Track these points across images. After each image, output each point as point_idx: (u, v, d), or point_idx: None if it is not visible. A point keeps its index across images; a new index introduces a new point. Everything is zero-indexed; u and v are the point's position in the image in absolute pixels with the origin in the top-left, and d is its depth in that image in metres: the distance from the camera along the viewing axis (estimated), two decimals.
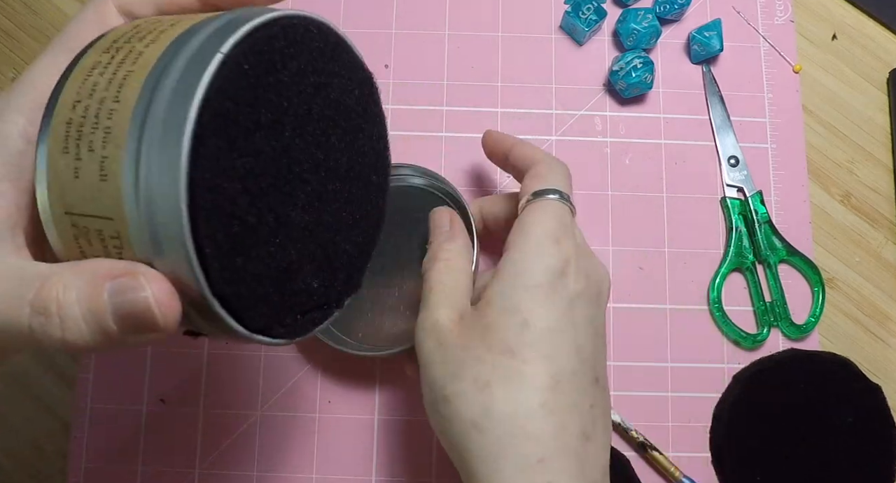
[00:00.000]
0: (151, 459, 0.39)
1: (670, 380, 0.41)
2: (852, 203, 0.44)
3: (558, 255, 0.29)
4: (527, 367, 0.27)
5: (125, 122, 0.19)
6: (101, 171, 0.19)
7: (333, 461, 0.39)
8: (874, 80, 0.45)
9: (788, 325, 0.41)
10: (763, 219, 0.42)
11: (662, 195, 0.43)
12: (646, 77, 0.42)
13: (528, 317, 0.28)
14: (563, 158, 0.43)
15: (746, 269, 0.42)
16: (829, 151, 0.44)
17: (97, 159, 0.19)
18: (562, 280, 0.29)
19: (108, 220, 0.19)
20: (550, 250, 0.29)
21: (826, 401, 0.40)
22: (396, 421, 0.40)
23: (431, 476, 0.39)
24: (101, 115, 0.20)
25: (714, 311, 0.41)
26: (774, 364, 0.40)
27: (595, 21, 0.43)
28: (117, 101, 0.20)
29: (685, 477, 0.39)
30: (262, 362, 0.40)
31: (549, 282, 0.29)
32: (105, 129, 0.19)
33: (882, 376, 0.41)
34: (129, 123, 0.19)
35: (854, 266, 0.43)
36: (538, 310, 0.28)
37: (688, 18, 0.45)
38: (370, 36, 0.45)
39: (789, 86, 0.45)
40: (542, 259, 0.29)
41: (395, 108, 0.44)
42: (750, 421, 0.40)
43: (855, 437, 0.39)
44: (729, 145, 0.43)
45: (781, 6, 0.46)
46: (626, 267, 0.42)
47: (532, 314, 0.28)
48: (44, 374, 0.41)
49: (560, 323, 0.28)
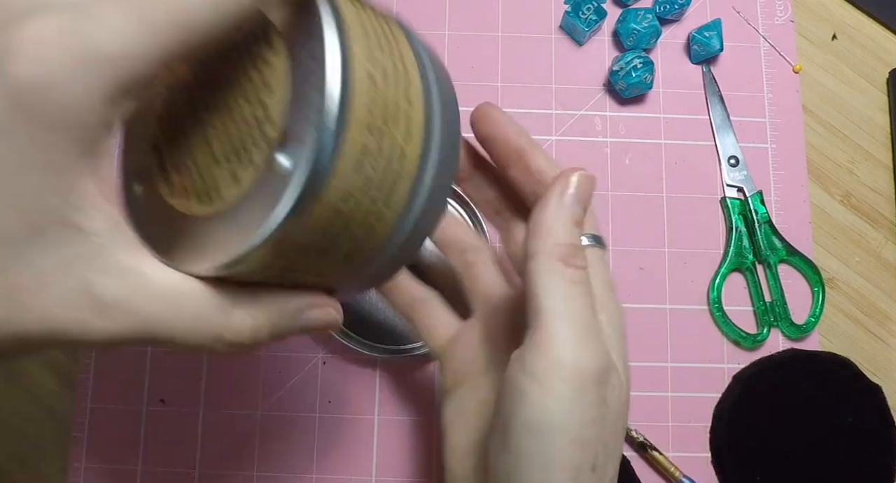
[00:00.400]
0: (151, 459, 0.39)
1: (670, 380, 0.41)
2: (852, 203, 0.44)
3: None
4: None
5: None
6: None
7: (333, 461, 0.39)
8: (874, 80, 0.45)
9: (788, 325, 0.41)
10: (763, 219, 0.42)
11: (662, 195, 0.43)
12: (646, 77, 0.42)
13: None
14: (563, 158, 0.43)
15: (746, 269, 0.42)
16: (829, 151, 0.44)
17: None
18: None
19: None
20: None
21: (826, 401, 0.40)
22: (396, 421, 0.40)
23: (431, 476, 0.39)
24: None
25: (714, 311, 0.41)
26: (774, 364, 0.40)
27: (595, 21, 0.43)
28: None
29: (685, 477, 0.39)
30: (262, 362, 0.40)
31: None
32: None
33: (882, 376, 0.41)
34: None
35: (854, 266, 0.43)
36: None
37: (688, 18, 0.45)
38: None
39: (789, 86, 0.45)
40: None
41: None
42: (750, 421, 0.40)
43: (855, 437, 0.39)
44: (729, 145, 0.43)
45: (781, 6, 0.46)
46: (626, 267, 0.42)
47: None
48: (44, 374, 0.41)
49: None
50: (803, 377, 0.40)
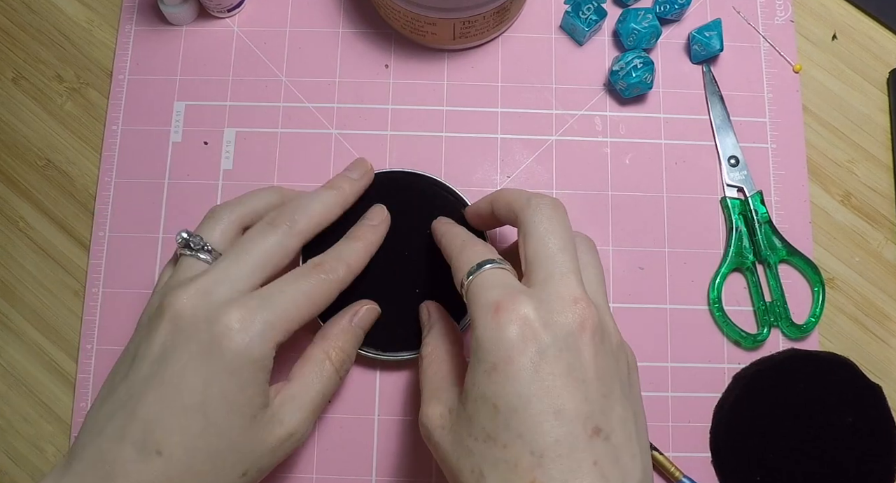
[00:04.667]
0: None
1: (670, 380, 0.41)
2: (852, 203, 0.44)
3: (499, 326, 0.27)
4: (507, 452, 0.26)
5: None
6: None
7: (333, 461, 0.39)
8: (874, 80, 0.45)
9: (788, 325, 0.41)
10: (763, 219, 0.42)
11: (662, 195, 0.43)
12: (646, 77, 0.42)
13: (496, 401, 0.27)
14: (563, 158, 0.43)
15: (746, 269, 0.42)
16: (829, 151, 0.44)
17: None
18: (519, 347, 0.27)
19: None
20: (491, 326, 0.27)
21: (826, 401, 0.40)
22: (396, 421, 0.40)
23: (431, 476, 0.39)
24: None
25: (714, 311, 0.41)
26: (774, 364, 0.40)
27: (595, 21, 0.43)
28: None
29: (685, 477, 0.39)
30: None
31: (504, 358, 0.27)
32: None
33: (882, 376, 0.41)
34: None
35: (854, 266, 0.43)
36: (501, 391, 0.27)
37: (688, 18, 0.45)
38: (370, 36, 0.45)
39: (789, 86, 0.45)
40: (487, 339, 0.27)
41: (395, 108, 0.44)
42: (750, 421, 0.40)
43: (855, 437, 0.39)
44: (729, 145, 0.43)
45: (781, 6, 0.46)
46: (626, 267, 0.42)
47: (497, 397, 0.27)
48: (44, 374, 0.41)
49: (523, 397, 0.26)
50: (803, 377, 0.40)
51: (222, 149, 0.43)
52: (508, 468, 0.26)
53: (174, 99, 0.44)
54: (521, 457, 0.26)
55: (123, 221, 0.42)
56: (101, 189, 0.43)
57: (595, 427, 0.26)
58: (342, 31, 0.45)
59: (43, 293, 0.42)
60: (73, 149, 0.44)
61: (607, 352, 0.28)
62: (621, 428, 0.27)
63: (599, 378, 0.27)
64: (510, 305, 0.28)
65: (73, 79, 0.45)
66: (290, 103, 0.44)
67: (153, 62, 0.44)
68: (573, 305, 0.28)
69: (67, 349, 0.41)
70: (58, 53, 0.45)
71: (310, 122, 0.44)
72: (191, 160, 0.43)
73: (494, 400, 0.27)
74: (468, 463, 0.27)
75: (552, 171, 0.43)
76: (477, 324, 0.28)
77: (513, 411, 0.26)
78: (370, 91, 0.44)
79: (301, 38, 0.45)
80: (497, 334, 0.27)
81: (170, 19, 0.44)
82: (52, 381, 0.41)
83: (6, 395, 0.41)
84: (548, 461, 0.26)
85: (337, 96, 0.44)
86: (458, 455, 0.28)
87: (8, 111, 0.44)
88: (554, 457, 0.26)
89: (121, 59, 0.44)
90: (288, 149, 0.43)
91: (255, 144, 0.43)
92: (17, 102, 0.45)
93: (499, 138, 0.43)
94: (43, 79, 0.45)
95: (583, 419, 0.26)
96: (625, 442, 0.27)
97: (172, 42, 0.45)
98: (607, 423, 0.27)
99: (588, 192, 0.43)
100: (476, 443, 0.27)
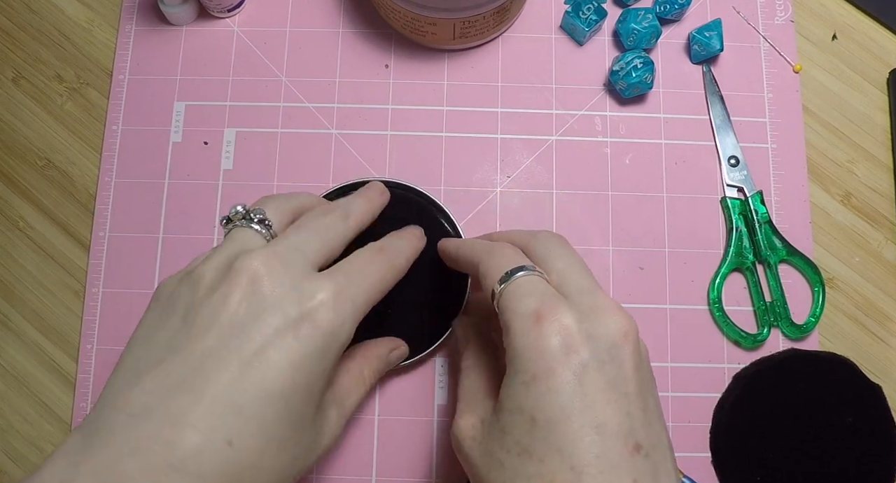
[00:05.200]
0: None
1: (670, 380, 0.41)
2: (852, 203, 0.44)
3: (541, 336, 0.26)
4: (543, 466, 0.25)
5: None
6: None
7: (334, 461, 0.39)
8: (874, 80, 0.45)
9: (788, 325, 0.41)
10: (763, 219, 0.42)
11: (662, 195, 0.43)
12: (646, 77, 0.42)
13: (534, 413, 0.26)
14: (563, 158, 0.43)
15: (746, 269, 0.42)
16: (829, 151, 0.44)
17: None
18: (561, 358, 0.26)
19: None
20: (531, 335, 0.26)
21: (826, 401, 0.40)
22: (396, 421, 0.40)
23: (431, 476, 0.39)
24: None
25: (714, 311, 0.41)
26: (774, 364, 0.40)
27: (595, 21, 0.43)
28: None
29: (685, 477, 0.39)
30: None
31: (546, 369, 0.26)
32: None
33: (882, 376, 0.41)
34: None
35: (854, 266, 0.43)
36: (540, 404, 0.26)
37: (688, 18, 0.45)
38: (370, 36, 0.45)
39: (789, 86, 0.45)
40: (527, 349, 0.26)
41: (395, 108, 0.44)
42: (750, 421, 0.40)
43: (855, 437, 0.39)
44: (729, 145, 0.43)
45: (781, 6, 0.46)
46: (626, 267, 0.42)
47: (536, 410, 0.26)
48: (44, 374, 0.41)
49: (565, 411, 0.25)
50: (803, 377, 0.40)
51: (222, 149, 0.43)
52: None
53: (174, 99, 0.44)
54: (558, 472, 0.25)
55: (123, 221, 0.42)
56: (102, 189, 0.43)
57: (636, 443, 0.26)
58: (342, 31, 0.45)
59: (43, 293, 0.42)
60: (73, 149, 0.44)
61: (644, 364, 0.28)
62: (659, 444, 0.27)
63: (639, 392, 0.27)
64: (551, 315, 0.27)
65: (74, 79, 0.45)
66: (290, 103, 0.44)
67: (153, 62, 0.44)
68: (614, 316, 0.27)
69: (67, 349, 0.41)
70: (58, 53, 0.45)
71: (310, 122, 0.44)
72: (191, 160, 0.43)
73: (532, 412, 0.26)
74: (499, 476, 0.26)
75: (552, 171, 0.43)
76: (514, 333, 0.27)
77: (552, 425, 0.25)
78: (370, 91, 0.44)
79: (301, 38, 0.45)
80: (538, 344, 0.26)
81: (170, 19, 0.44)
82: (52, 381, 0.41)
83: (6, 395, 0.41)
84: (587, 477, 0.25)
85: (337, 96, 0.44)
86: (489, 468, 0.27)
87: (8, 111, 0.44)
88: (595, 473, 0.25)
89: (121, 59, 0.45)
90: (288, 149, 0.43)
91: (255, 144, 0.43)
92: (17, 102, 0.45)
93: (499, 138, 0.43)
94: (43, 79, 0.45)
95: (624, 435, 0.25)
96: (662, 459, 0.26)
97: (172, 42, 0.45)
98: (647, 439, 0.26)
99: (588, 192, 0.43)
100: (509, 456, 0.26)
